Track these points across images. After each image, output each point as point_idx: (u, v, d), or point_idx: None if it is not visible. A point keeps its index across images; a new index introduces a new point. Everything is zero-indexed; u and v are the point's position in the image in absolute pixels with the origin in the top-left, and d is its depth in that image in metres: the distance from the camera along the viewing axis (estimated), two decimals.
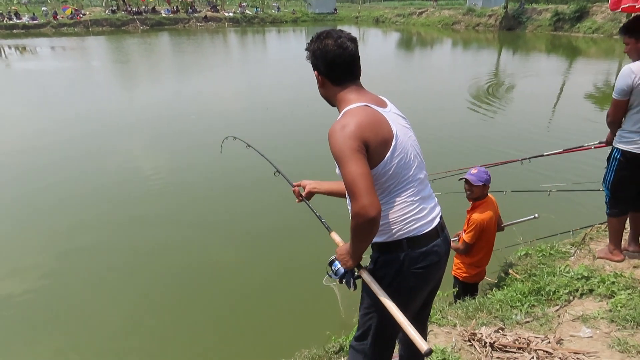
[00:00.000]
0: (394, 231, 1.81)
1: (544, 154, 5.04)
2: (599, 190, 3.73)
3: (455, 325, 3.16)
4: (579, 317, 3.09)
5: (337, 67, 1.83)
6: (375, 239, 1.82)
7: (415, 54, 28.29)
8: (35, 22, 39.38)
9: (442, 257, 1.90)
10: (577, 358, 2.62)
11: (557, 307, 3.27)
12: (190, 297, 4.77)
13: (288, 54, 26.58)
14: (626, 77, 3.20)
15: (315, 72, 1.89)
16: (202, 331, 4.27)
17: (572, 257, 4.03)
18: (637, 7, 3.58)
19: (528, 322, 3.13)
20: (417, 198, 1.83)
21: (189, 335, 4.22)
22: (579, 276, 3.53)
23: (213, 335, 4.25)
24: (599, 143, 4.28)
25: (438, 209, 1.94)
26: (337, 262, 1.93)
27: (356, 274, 1.91)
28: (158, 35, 37.16)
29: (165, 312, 4.55)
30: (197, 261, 5.41)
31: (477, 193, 3.61)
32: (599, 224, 4.68)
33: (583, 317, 3.07)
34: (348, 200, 1.93)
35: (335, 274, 1.94)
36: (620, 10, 3.71)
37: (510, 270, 4.06)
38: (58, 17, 40.51)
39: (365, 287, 1.90)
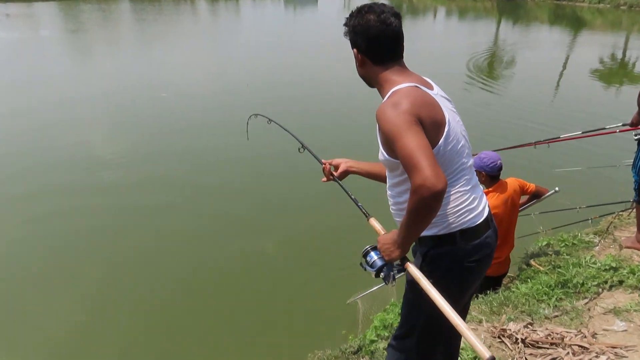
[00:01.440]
0: (446, 223, 1.84)
1: (561, 137, 5.14)
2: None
3: (480, 322, 3.28)
4: (611, 310, 3.24)
5: (379, 44, 1.83)
6: (425, 232, 1.81)
7: (405, 24, 28.29)
8: None
9: (493, 248, 1.97)
10: (615, 352, 2.76)
11: (587, 300, 3.42)
12: (192, 294, 4.80)
13: (264, 25, 26.30)
14: None
15: (355, 49, 1.90)
16: (205, 329, 4.31)
17: (597, 247, 4.20)
18: None
19: (557, 316, 3.27)
20: (469, 187, 1.88)
21: (193, 333, 4.26)
22: (607, 267, 3.69)
23: (216, 334, 4.29)
24: (623, 125, 4.41)
25: (485, 198, 2.00)
26: (373, 253, 1.91)
27: (396, 264, 1.86)
28: (117, 1, 36.23)
29: (167, 310, 4.57)
30: (200, 255, 5.43)
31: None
32: (620, 212, 4.86)
33: (615, 309, 3.23)
34: (389, 187, 1.97)
35: (371, 266, 1.90)
36: None
37: (532, 262, 4.21)
38: None
39: (410, 281, 1.93)
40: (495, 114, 10.54)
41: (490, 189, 3.70)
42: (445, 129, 1.77)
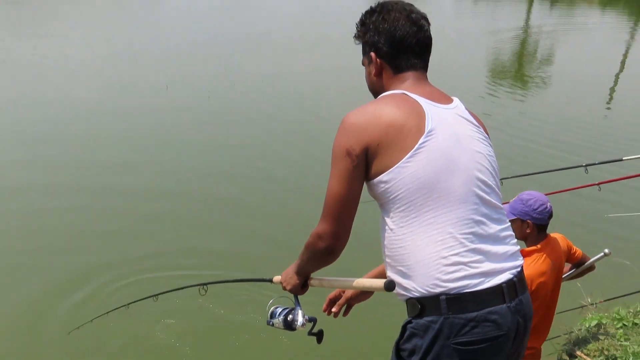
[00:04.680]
0: (420, 281, 1.62)
1: (623, 158, 4.28)
2: None
3: None
4: None
5: (408, 49, 1.76)
6: (404, 293, 1.67)
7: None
8: None
9: (507, 332, 1.62)
10: None
11: None
12: None
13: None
14: None
15: (372, 53, 1.80)
16: None
17: None
18: None
19: None
20: (468, 232, 1.62)
21: None
22: None
23: None
24: None
25: (514, 262, 1.70)
26: (279, 308, 2.07)
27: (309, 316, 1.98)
28: None
29: None
30: None
31: (517, 233, 2.90)
32: None
33: None
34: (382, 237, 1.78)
35: (279, 314, 2.04)
36: None
37: (577, 352, 3.67)
38: None
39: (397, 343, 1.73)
40: (526, 134, 8.83)
41: (535, 247, 2.97)
42: (418, 143, 1.59)
